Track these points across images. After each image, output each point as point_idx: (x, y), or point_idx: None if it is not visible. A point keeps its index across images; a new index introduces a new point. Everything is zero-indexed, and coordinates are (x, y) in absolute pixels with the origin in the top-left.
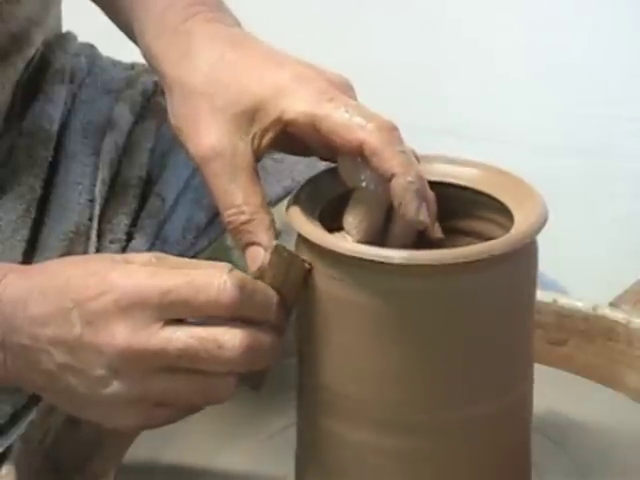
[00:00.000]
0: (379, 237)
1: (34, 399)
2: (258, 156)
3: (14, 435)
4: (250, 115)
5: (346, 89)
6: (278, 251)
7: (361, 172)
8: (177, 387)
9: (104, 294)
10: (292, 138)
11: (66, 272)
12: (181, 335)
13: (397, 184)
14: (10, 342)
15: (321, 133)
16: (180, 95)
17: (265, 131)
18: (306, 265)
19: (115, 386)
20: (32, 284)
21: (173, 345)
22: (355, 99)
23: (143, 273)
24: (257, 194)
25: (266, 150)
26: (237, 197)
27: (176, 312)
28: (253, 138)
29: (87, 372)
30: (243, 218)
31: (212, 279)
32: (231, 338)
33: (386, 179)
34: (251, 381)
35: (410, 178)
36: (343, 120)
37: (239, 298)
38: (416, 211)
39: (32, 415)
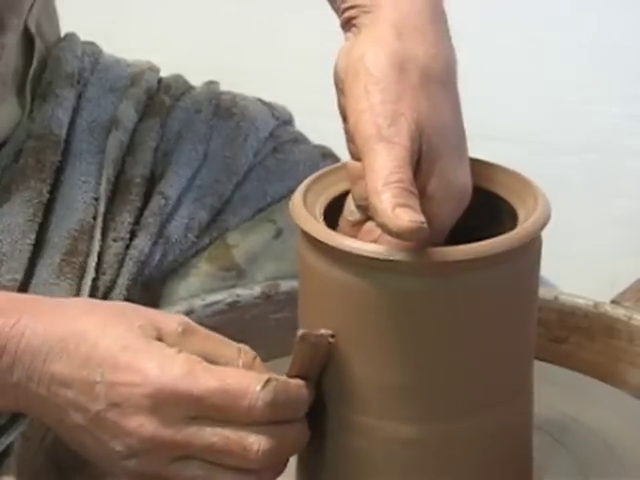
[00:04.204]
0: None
1: None
2: None
3: (15, 434)
4: None
5: None
6: (305, 339)
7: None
8: (192, 474)
9: (137, 386)
10: None
11: (91, 332)
12: (206, 433)
13: None
14: (26, 388)
15: None
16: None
17: None
18: (330, 340)
19: (132, 462)
20: (52, 334)
21: (198, 441)
22: None
23: (178, 370)
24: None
25: None
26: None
27: (206, 415)
28: None
29: (105, 442)
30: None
31: (247, 389)
32: (255, 441)
33: None
34: None
35: None
36: None
37: (270, 410)
38: None
39: None
